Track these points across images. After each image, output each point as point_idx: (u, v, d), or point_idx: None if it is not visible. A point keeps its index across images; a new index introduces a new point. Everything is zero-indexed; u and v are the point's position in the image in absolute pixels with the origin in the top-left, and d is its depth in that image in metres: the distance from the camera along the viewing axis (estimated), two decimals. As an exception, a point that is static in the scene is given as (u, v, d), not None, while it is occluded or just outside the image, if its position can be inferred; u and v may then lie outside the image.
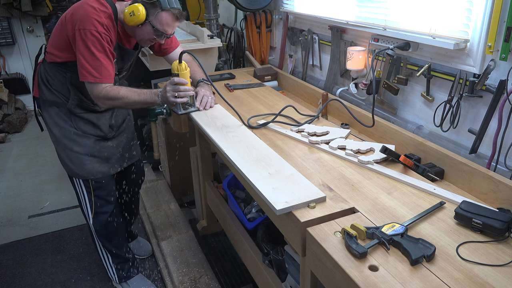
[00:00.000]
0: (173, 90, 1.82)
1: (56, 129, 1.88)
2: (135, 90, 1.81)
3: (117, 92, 1.74)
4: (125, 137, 2.09)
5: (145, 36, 1.80)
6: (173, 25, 1.82)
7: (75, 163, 1.89)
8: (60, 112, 1.86)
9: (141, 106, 1.89)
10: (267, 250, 1.68)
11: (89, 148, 1.90)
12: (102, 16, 1.68)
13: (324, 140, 1.67)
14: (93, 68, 1.68)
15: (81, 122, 1.89)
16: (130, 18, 1.71)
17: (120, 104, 1.79)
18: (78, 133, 1.88)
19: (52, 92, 1.85)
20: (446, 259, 1.02)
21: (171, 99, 1.82)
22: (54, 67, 1.82)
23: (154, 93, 1.83)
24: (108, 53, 1.71)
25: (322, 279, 1.12)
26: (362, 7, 2.05)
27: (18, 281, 2.30)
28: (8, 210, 2.99)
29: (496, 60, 1.44)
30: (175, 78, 1.83)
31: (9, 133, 4.43)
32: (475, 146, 1.54)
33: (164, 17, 1.75)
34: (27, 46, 4.95)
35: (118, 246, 2.10)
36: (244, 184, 1.54)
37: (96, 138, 1.93)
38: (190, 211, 2.84)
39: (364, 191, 1.33)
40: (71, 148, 1.88)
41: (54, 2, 4.93)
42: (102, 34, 1.66)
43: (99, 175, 1.93)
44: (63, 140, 1.88)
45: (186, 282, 2.11)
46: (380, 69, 1.98)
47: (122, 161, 2.06)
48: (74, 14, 1.69)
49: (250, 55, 3.16)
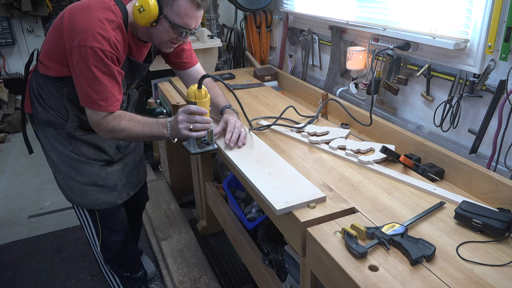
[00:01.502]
0: (187, 121, 1.45)
1: (54, 154, 1.60)
2: (139, 119, 1.49)
3: (117, 124, 1.44)
4: (132, 159, 1.79)
5: (163, 36, 1.46)
6: (195, 15, 1.43)
7: (75, 193, 1.62)
8: (58, 134, 1.57)
9: (147, 140, 1.58)
10: (267, 250, 1.68)
11: (93, 177, 1.61)
12: (109, 28, 1.35)
13: (324, 140, 1.67)
14: (96, 93, 1.38)
15: (83, 145, 1.59)
16: (140, 16, 1.38)
17: (121, 136, 1.49)
18: (80, 159, 1.59)
19: (46, 110, 1.54)
20: (446, 259, 1.02)
21: (184, 131, 1.45)
22: (47, 81, 1.51)
23: (161, 124, 1.49)
24: (114, 74, 1.40)
25: (322, 279, 1.11)
26: (362, 7, 2.05)
27: (18, 281, 2.30)
28: (8, 210, 2.99)
29: (496, 60, 1.44)
30: (191, 106, 1.46)
31: (9, 133, 4.43)
32: (475, 146, 1.54)
33: (181, 6, 1.38)
34: (27, 46, 4.95)
35: (129, 269, 1.89)
36: (244, 184, 1.54)
37: (101, 164, 1.64)
38: (190, 211, 2.84)
39: (364, 191, 1.33)
40: (72, 176, 1.60)
41: (54, 2, 4.93)
42: (107, 53, 1.35)
43: (105, 206, 1.66)
44: (61, 167, 1.60)
45: (186, 282, 2.11)
46: (380, 69, 1.98)
47: (130, 187, 1.76)
48: (73, 22, 1.35)
49: (250, 55, 3.16)
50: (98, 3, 1.39)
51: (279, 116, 1.89)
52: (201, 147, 1.56)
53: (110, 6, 1.40)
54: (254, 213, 2.04)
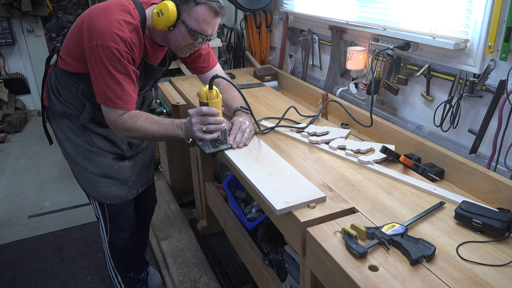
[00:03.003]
0: (200, 123, 1.49)
1: (68, 145, 1.63)
2: (155, 119, 1.53)
3: (133, 122, 1.49)
4: (143, 158, 1.83)
5: (179, 41, 1.49)
6: (212, 22, 1.47)
7: (89, 183, 1.66)
8: (72, 125, 1.62)
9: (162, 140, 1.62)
10: (267, 250, 1.68)
11: (105, 168, 1.65)
12: (126, 30, 1.40)
13: (324, 140, 1.67)
14: (112, 92, 1.43)
15: (96, 137, 1.64)
16: (158, 20, 1.42)
17: (137, 135, 1.53)
18: (92, 150, 1.63)
19: (62, 103, 1.60)
20: (446, 259, 1.02)
21: (198, 134, 1.49)
22: (65, 75, 1.57)
23: (176, 125, 1.53)
24: (130, 74, 1.45)
25: (322, 279, 1.11)
26: (362, 7, 2.05)
27: (18, 281, 2.30)
28: (8, 210, 2.99)
29: (496, 60, 1.44)
30: (203, 108, 1.49)
31: (9, 133, 4.43)
32: (475, 146, 1.54)
33: (199, 12, 1.42)
34: (27, 46, 4.95)
35: (134, 268, 1.91)
36: (244, 184, 1.54)
37: (113, 157, 1.68)
38: (190, 211, 2.84)
39: (364, 191, 1.33)
40: (85, 167, 1.64)
41: (54, 2, 4.93)
42: (123, 53, 1.40)
43: (116, 200, 1.68)
44: (75, 157, 1.64)
45: (186, 282, 2.11)
46: (380, 69, 1.98)
47: (139, 185, 1.79)
48: (92, 22, 1.41)
49: (250, 55, 3.16)
50: (117, 6, 1.44)
51: (282, 117, 1.88)
52: (215, 147, 1.59)
53: (129, 9, 1.45)
54: (254, 213, 2.04)
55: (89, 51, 1.41)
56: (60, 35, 5.08)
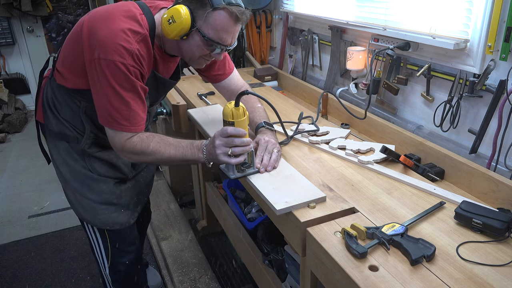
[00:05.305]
0: (225, 145, 1.28)
1: (65, 169, 1.47)
2: (171, 142, 1.33)
3: (146, 146, 1.30)
4: (144, 176, 1.69)
5: (194, 52, 1.30)
6: (232, 30, 1.27)
7: (87, 211, 1.50)
8: (71, 148, 1.45)
9: (179, 164, 1.45)
10: (267, 250, 1.68)
11: (106, 196, 1.50)
12: (133, 40, 1.21)
13: (324, 140, 1.66)
14: (118, 112, 1.24)
15: (97, 162, 1.47)
16: (170, 28, 1.22)
17: (150, 160, 1.34)
18: (93, 177, 1.47)
19: (60, 122, 1.42)
20: (446, 259, 1.02)
21: (223, 157, 1.29)
22: (64, 91, 1.37)
23: (196, 147, 1.33)
24: (138, 91, 1.25)
25: (322, 279, 1.11)
26: (362, 7, 2.05)
27: (18, 281, 2.30)
28: (8, 210, 2.99)
29: (496, 60, 1.44)
30: (228, 128, 1.28)
31: (9, 133, 4.43)
32: (475, 146, 1.54)
33: (217, 19, 1.22)
34: (27, 46, 4.96)
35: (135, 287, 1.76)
36: (244, 184, 1.54)
37: (115, 181, 1.52)
38: (190, 211, 2.84)
39: (364, 191, 1.33)
40: (84, 194, 1.48)
41: (54, 2, 4.93)
42: (130, 68, 1.20)
43: (117, 226, 1.54)
44: (72, 183, 1.48)
45: (186, 282, 2.11)
46: (380, 69, 1.98)
47: (141, 204, 1.67)
48: (93, 31, 1.21)
49: (250, 55, 3.16)
50: (122, 11, 1.25)
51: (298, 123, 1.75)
52: (241, 171, 1.38)
53: (135, 15, 1.25)
54: (254, 213, 2.04)
55: (90, 65, 1.22)
56: (60, 35, 5.08)
